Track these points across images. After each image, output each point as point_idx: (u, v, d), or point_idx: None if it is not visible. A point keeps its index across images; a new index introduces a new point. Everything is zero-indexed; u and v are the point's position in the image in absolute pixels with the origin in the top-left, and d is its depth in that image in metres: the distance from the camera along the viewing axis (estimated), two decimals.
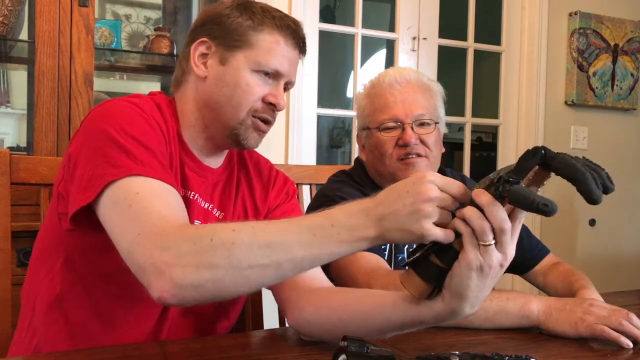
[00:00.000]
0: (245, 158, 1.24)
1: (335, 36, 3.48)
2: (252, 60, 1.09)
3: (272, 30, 1.10)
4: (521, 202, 0.75)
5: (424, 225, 0.77)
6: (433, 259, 0.82)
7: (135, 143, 0.95)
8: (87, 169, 0.95)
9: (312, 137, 2.88)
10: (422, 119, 1.40)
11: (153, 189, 0.91)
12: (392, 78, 1.43)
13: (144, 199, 0.88)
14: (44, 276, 1.07)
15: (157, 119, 1.04)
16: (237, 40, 1.09)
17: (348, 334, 0.90)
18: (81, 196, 0.94)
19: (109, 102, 1.04)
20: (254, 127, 1.11)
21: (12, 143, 2.49)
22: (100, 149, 0.95)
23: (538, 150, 0.77)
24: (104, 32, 2.32)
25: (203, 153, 1.14)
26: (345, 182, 1.46)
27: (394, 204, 0.79)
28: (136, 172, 0.91)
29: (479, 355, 0.91)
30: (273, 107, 1.11)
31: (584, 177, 0.75)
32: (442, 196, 0.78)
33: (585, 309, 1.13)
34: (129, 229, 0.86)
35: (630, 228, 3.54)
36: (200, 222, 1.12)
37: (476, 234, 0.77)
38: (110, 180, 0.91)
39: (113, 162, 0.92)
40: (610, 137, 3.45)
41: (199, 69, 1.11)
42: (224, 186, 1.18)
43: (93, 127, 1.00)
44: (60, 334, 1.05)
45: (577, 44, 3.32)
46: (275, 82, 1.12)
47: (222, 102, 1.10)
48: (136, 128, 0.98)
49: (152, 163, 0.95)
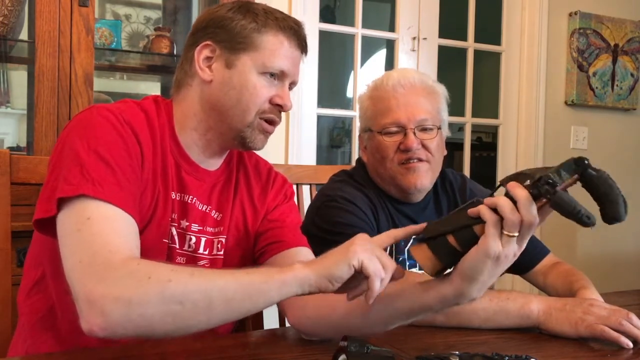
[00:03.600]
0: (244, 159, 1.24)
1: (335, 36, 3.48)
2: (257, 62, 1.09)
3: (276, 32, 1.10)
4: (564, 208, 0.78)
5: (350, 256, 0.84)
6: (450, 240, 0.84)
7: (96, 159, 0.94)
8: (50, 178, 0.96)
9: (312, 137, 2.88)
10: (424, 124, 1.40)
11: (106, 215, 0.90)
12: (395, 81, 1.42)
13: (94, 226, 0.88)
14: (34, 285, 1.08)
15: (138, 127, 1.02)
16: (241, 43, 1.09)
17: (352, 327, 0.91)
18: (42, 207, 0.94)
19: (88, 112, 1.02)
20: (260, 129, 1.12)
21: (12, 143, 2.49)
22: (62, 160, 0.96)
23: (581, 161, 0.81)
24: (104, 32, 2.32)
25: (202, 155, 1.14)
26: (347, 182, 1.46)
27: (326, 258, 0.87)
28: (87, 192, 0.90)
29: (479, 355, 0.91)
30: (280, 108, 1.12)
31: (617, 199, 0.80)
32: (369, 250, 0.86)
33: (585, 309, 1.13)
34: (72, 254, 0.87)
35: (630, 228, 3.54)
36: (198, 225, 1.12)
37: (505, 225, 0.81)
38: (59, 196, 0.90)
39: (67, 178, 0.92)
40: (610, 137, 3.45)
41: (204, 72, 1.11)
42: (222, 188, 1.18)
43: (65, 136, 1.00)
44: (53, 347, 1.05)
45: (577, 44, 3.32)
46: (281, 83, 1.12)
47: (230, 105, 1.10)
48: (104, 142, 0.96)
49: (108, 183, 0.93)
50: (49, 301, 1.07)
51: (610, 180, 0.81)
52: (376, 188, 1.46)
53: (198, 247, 1.12)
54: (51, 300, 1.06)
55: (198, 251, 1.13)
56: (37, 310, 1.08)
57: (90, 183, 0.91)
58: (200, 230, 1.13)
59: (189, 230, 1.11)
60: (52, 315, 1.06)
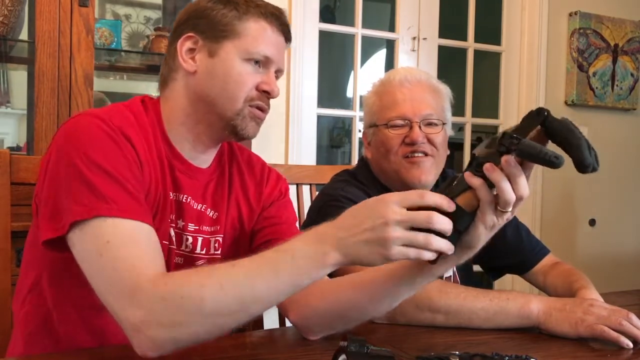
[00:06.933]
0: (236, 155, 1.22)
1: (335, 36, 3.48)
2: (241, 48, 1.08)
3: (257, 18, 1.09)
4: (532, 154, 0.78)
5: (388, 252, 0.81)
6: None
7: (101, 173, 0.92)
8: (51, 195, 0.94)
9: (312, 137, 2.88)
10: (430, 119, 1.41)
11: (123, 234, 0.89)
12: (402, 77, 1.44)
13: (114, 249, 0.87)
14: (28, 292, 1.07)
15: (130, 131, 1.00)
16: (223, 31, 1.08)
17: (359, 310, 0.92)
18: (49, 226, 0.93)
19: (77, 121, 0.99)
20: (252, 116, 1.10)
21: (12, 143, 2.49)
22: (64, 178, 0.93)
23: (542, 111, 0.81)
24: (104, 32, 2.32)
25: (193, 152, 1.12)
26: (349, 182, 1.46)
27: (353, 228, 0.83)
28: (102, 212, 0.89)
29: (479, 355, 0.91)
30: (267, 94, 1.10)
31: (579, 142, 0.78)
32: (404, 218, 0.81)
33: (585, 309, 1.13)
34: (101, 280, 0.88)
35: (630, 228, 3.54)
36: (194, 225, 1.11)
37: (501, 202, 0.83)
38: (74, 220, 0.89)
39: (77, 199, 0.90)
40: (610, 137, 3.45)
41: (188, 63, 1.09)
42: (216, 185, 1.16)
43: (59, 149, 0.97)
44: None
45: (577, 44, 3.32)
46: (266, 69, 1.11)
47: (216, 94, 1.08)
48: (102, 153, 0.94)
49: (120, 198, 0.91)
50: (45, 307, 1.05)
51: (572, 125, 0.80)
52: (379, 187, 1.46)
53: (195, 247, 1.12)
54: (46, 306, 1.05)
55: (195, 251, 1.12)
56: (33, 317, 1.07)
57: (103, 201, 0.90)
58: (196, 230, 1.12)
59: (186, 230, 1.11)
60: (49, 322, 1.05)
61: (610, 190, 3.46)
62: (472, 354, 0.91)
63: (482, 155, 0.83)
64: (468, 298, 1.16)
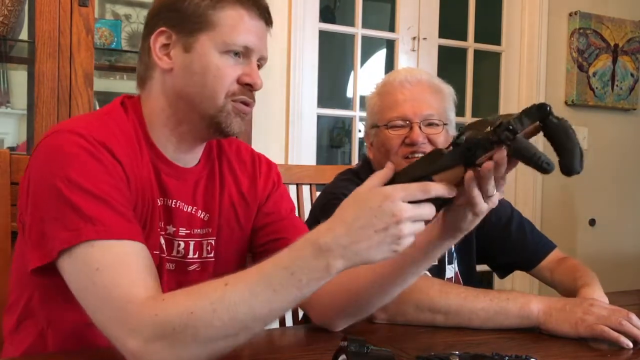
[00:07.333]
0: (224, 148, 1.17)
1: (335, 36, 3.48)
2: (217, 41, 1.01)
3: (233, 5, 1.02)
4: (525, 156, 0.78)
5: (401, 247, 0.81)
6: None
7: (84, 194, 0.88)
8: (35, 220, 0.91)
9: (312, 137, 2.88)
10: (430, 119, 1.40)
11: (113, 259, 0.85)
12: (403, 77, 1.44)
13: (105, 275, 0.84)
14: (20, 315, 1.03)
15: (112, 143, 0.95)
16: (197, 23, 1.01)
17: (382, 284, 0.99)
18: (36, 253, 0.90)
19: (55, 138, 0.94)
20: (236, 112, 1.04)
21: (12, 143, 2.49)
22: (47, 202, 0.90)
23: (544, 107, 0.79)
24: (104, 32, 2.32)
25: (177, 152, 1.07)
26: (352, 180, 1.45)
27: (361, 232, 0.80)
28: (89, 236, 0.85)
29: (479, 355, 0.91)
30: (250, 87, 1.04)
31: (573, 148, 0.78)
32: (414, 215, 0.81)
33: (585, 309, 1.12)
34: (96, 310, 0.85)
35: (630, 228, 3.54)
36: (185, 229, 1.07)
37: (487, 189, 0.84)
38: (62, 248, 0.86)
39: (63, 224, 0.87)
40: (610, 137, 3.45)
41: (163, 61, 1.03)
42: (206, 184, 1.11)
43: (40, 170, 0.93)
44: None
45: (577, 44, 3.32)
46: (247, 60, 1.04)
47: (195, 91, 1.02)
48: (83, 173, 0.90)
49: (106, 217, 0.88)
50: (38, 326, 1.02)
51: (571, 130, 0.79)
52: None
53: (187, 252, 1.08)
54: (40, 325, 1.02)
55: (188, 256, 1.08)
56: (26, 337, 1.03)
57: (90, 223, 0.86)
58: (188, 234, 1.08)
59: (177, 235, 1.07)
60: (42, 340, 1.02)
61: (610, 191, 3.46)
62: (472, 354, 0.92)
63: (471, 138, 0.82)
64: (468, 298, 1.16)
